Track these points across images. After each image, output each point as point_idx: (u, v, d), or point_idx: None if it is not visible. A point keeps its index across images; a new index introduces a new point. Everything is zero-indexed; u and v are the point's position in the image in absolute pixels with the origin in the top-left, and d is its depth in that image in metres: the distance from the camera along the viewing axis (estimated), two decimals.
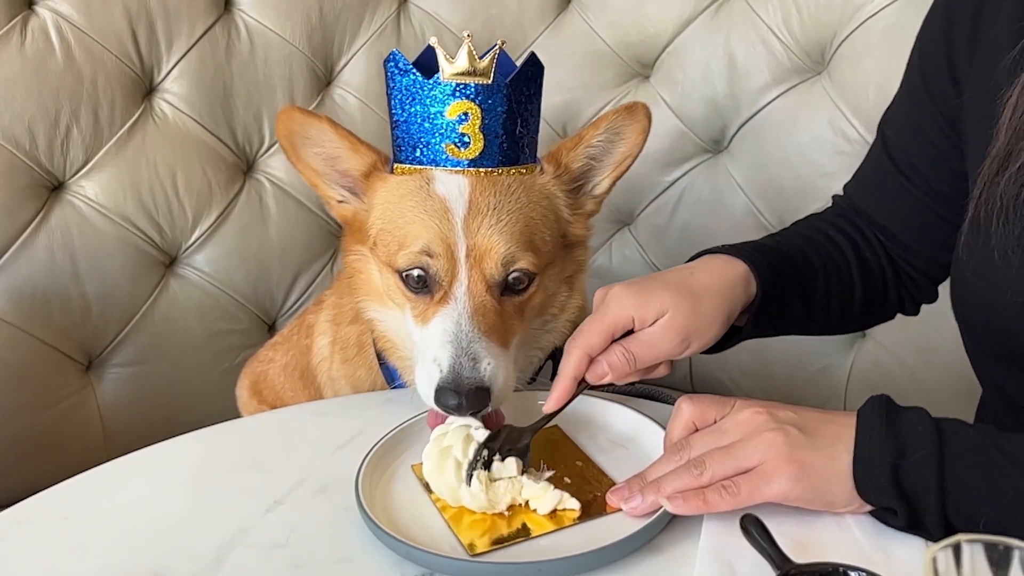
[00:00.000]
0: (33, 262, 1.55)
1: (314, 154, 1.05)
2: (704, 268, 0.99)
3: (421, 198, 0.98)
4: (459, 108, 0.95)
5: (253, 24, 1.72)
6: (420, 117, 0.96)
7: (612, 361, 0.92)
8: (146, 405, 1.65)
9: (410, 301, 1.00)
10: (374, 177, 1.04)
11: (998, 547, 0.55)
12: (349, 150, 1.04)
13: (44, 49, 1.55)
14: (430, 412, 0.96)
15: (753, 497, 0.81)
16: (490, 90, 0.96)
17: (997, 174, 0.88)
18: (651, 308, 0.92)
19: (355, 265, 1.09)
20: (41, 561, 0.83)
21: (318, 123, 1.03)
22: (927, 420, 0.81)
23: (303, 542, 0.84)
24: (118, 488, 0.94)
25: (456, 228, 0.96)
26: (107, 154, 1.61)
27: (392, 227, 1.00)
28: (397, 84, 0.97)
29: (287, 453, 1.00)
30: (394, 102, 0.97)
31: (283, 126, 1.03)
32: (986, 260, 0.92)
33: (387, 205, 1.01)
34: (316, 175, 1.07)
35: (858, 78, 1.61)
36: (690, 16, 1.73)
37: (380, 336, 1.10)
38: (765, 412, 0.85)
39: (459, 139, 0.96)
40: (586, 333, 0.93)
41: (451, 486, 0.85)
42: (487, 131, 0.96)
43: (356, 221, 1.07)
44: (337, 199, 1.08)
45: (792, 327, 1.11)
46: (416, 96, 0.96)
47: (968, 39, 0.98)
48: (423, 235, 0.96)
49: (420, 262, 0.97)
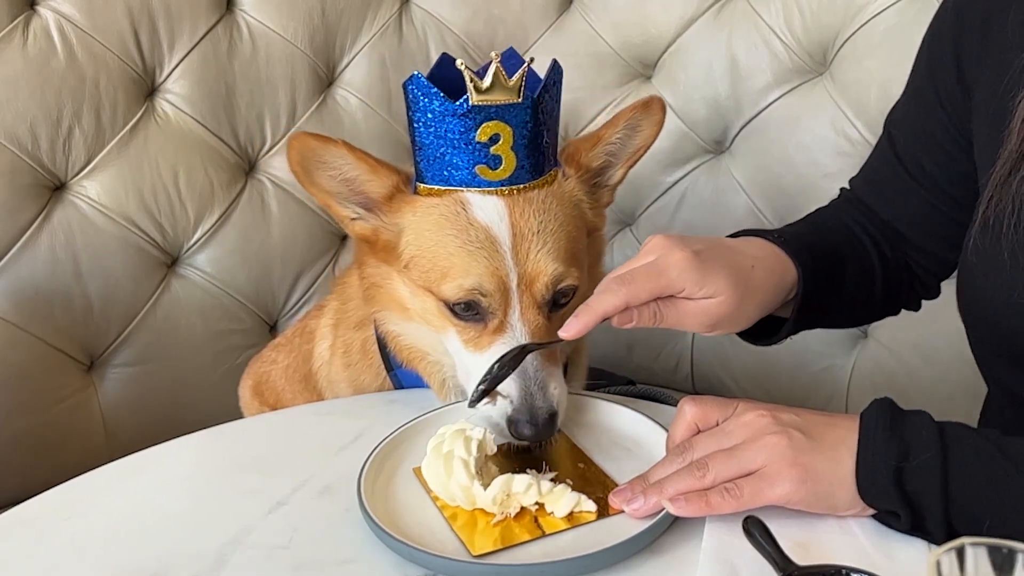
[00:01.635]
0: (35, 262, 1.55)
1: (328, 176, 1.01)
2: (764, 265, 0.96)
3: (461, 226, 0.95)
4: (490, 130, 0.93)
5: (255, 24, 1.72)
6: (449, 141, 0.94)
7: (643, 315, 0.89)
8: (148, 405, 1.65)
9: (456, 327, 0.98)
10: (399, 199, 1.01)
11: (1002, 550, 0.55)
12: (368, 172, 1.01)
13: (46, 49, 1.55)
14: None
15: (756, 500, 0.81)
16: (519, 108, 0.93)
17: (1009, 175, 0.88)
18: (705, 288, 0.89)
19: (374, 280, 1.06)
20: (43, 561, 0.83)
21: (335, 148, 0.99)
22: (930, 424, 0.81)
23: (305, 543, 0.84)
24: (120, 488, 0.94)
25: (506, 259, 0.95)
26: (109, 154, 1.61)
27: (432, 255, 0.97)
28: (421, 107, 0.93)
29: (289, 454, 1.00)
30: (418, 126, 0.94)
31: (296, 152, 0.99)
32: (995, 262, 0.91)
33: (422, 231, 0.98)
34: (329, 196, 1.03)
35: (860, 79, 1.61)
36: (692, 17, 1.73)
37: (403, 347, 1.08)
38: (768, 415, 0.85)
39: (491, 160, 0.94)
40: (638, 285, 0.88)
41: (464, 485, 0.85)
42: (518, 149, 0.95)
43: (379, 240, 1.03)
44: (351, 217, 1.04)
45: (821, 323, 1.11)
46: (443, 119, 0.93)
47: (979, 41, 0.98)
48: (473, 270, 0.94)
49: (472, 297, 0.95)
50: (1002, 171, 0.89)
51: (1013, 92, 0.90)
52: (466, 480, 0.84)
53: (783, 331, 1.03)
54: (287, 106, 1.74)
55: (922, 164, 1.09)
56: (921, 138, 1.08)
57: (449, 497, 0.86)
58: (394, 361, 1.12)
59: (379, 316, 1.09)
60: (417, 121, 0.94)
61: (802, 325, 1.04)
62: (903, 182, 1.11)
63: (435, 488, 0.87)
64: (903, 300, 1.18)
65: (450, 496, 0.86)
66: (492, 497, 0.84)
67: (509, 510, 0.85)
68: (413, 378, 1.12)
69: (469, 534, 0.83)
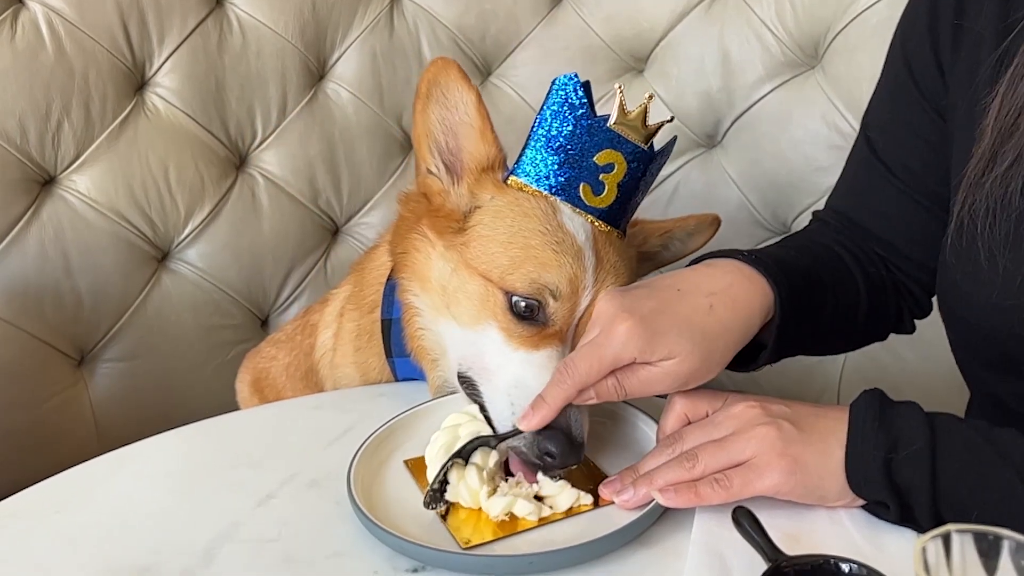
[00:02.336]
0: (24, 257, 1.54)
1: (439, 116, 0.99)
2: (724, 299, 0.89)
3: (552, 226, 0.93)
4: (610, 157, 0.93)
5: (245, 18, 1.71)
6: (571, 149, 0.93)
7: (601, 390, 0.86)
8: (139, 400, 1.64)
9: (505, 324, 0.94)
10: (488, 176, 0.98)
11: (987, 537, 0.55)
12: (478, 132, 0.98)
13: (35, 43, 1.54)
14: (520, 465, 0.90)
15: (745, 491, 0.81)
16: (641, 155, 0.95)
17: (983, 175, 0.87)
18: (658, 352, 0.84)
19: (415, 245, 1.03)
20: (32, 555, 0.83)
21: (467, 91, 0.97)
22: (920, 415, 0.81)
23: (294, 536, 0.84)
24: (109, 482, 0.94)
25: (587, 275, 0.93)
26: (99, 148, 1.60)
27: (507, 242, 0.94)
28: (561, 106, 0.93)
29: (278, 447, 1.00)
30: (546, 122, 0.93)
31: (432, 73, 0.97)
32: (972, 263, 0.90)
33: (504, 215, 0.95)
34: (426, 136, 1.00)
35: (852, 72, 1.61)
36: (684, 10, 1.73)
37: (413, 326, 1.06)
38: (758, 406, 0.85)
39: (597, 185, 0.94)
40: (583, 368, 0.85)
41: (473, 490, 0.84)
42: (621, 189, 0.95)
43: (443, 205, 1.00)
44: (430, 168, 1.01)
45: (802, 346, 1.03)
46: (576, 128, 0.93)
47: (952, 34, 0.96)
48: (554, 270, 0.92)
49: (542, 297, 0.92)
50: (975, 171, 0.87)
51: (986, 89, 0.88)
52: (476, 485, 0.84)
53: (761, 358, 0.96)
54: (278, 100, 1.74)
55: (905, 163, 1.05)
56: (902, 135, 1.04)
57: (452, 495, 0.86)
58: (394, 349, 1.11)
59: (405, 283, 1.05)
60: (550, 117, 0.93)
61: (783, 348, 0.96)
62: (886, 184, 1.06)
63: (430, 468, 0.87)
64: (891, 322, 1.12)
65: (453, 495, 0.86)
66: (494, 516, 0.84)
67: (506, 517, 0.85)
68: (407, 368, 1.11)
69: (459, 525, 0.83)
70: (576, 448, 0.87)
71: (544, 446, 0.86)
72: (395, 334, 1.10)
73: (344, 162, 1.79)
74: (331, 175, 1.78)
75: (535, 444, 0.87)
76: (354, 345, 1.20)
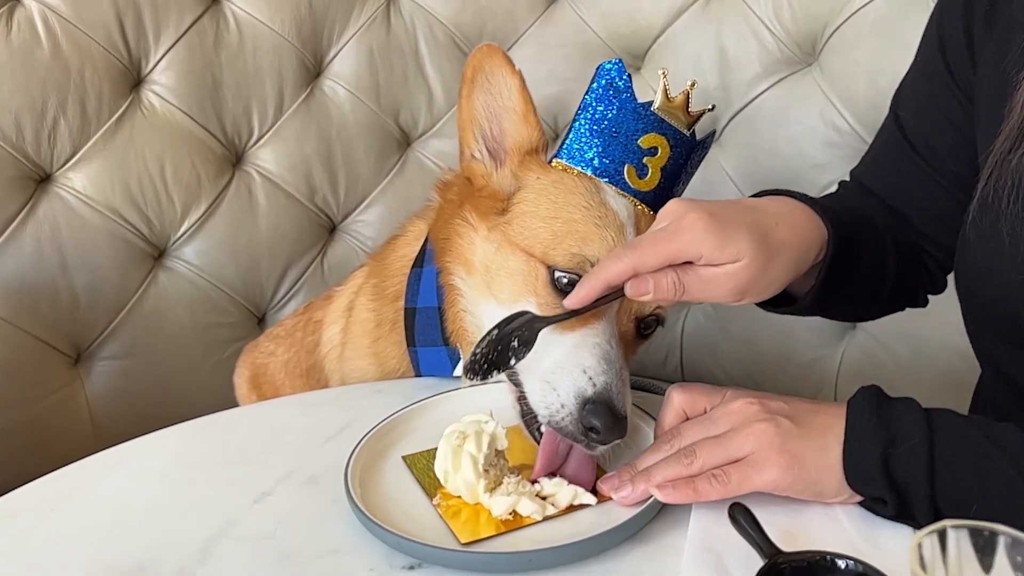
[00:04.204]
0: (20, 255, 1.54)
1: (484, 101, 1.01)
2: (788, 221, 0.90)
3: (595, 202, 0.94)
4: (654, 140, 0.95)
5: (242, 15, 1.70)
6: (615, 131, 0.95)
7: (660, 284, 0.83)
8: (135, 398, 1.64)
9: (541, 297, 0.93)
10: (531, 158, 1.00)
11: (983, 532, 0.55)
12: (520, 116, 1.00)
13: (30, 40, 1.53)
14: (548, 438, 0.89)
15: (743, 487, 0.81)
16: (684, 140, 0.97)
17: (1010, 152, 0.88)
18: (728, 252, 0.82)
19: (457, 230, 1.03)
20: (28, 553, 0.82)
21: (511, 76, 0.99)
22: (917, 410, 0.81)
23: (291, 534, 0.83)
24: (105, 480, 0.94)
25: None
26: (95, 146, 1.59)
27: (550, 217, 0.95)
28: (606, 91, 0.95)
29: (275, 445, 1.00)
30: (590, 106, 0.96)
31: (477, 59, 0.99)
32: (993, 239, 0.91)
33: (547, 193, 0.96)
34: (471, 120, 1.02)
35: (849, 69, 1.61)
36: (681, 8, 1.73)
37: (454, 309, 1.05)
38: (757, 402, 0.85)
39: (641, 168, 0.95)
40: (645, 250, 0.82)
41: (469, 482, 0.84)
42: (665, 172, 0.96)
43: (486, 187, 1.02)
44: (473, 153, 1.03)
45: (832, 300, 1.02)
46: (621, 110, 0.95)
47: (985, 12, 0.98)
48: (595, 243, 0.92)
49: (584, 269, 0.91)
50: (1003, 147, 0.88)
51: (1017, 68, 0.89)
52: (472, 477, 0.84)
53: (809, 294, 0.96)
54: (274, 98, 1.73)
55: (932, 144, 1.07)
56: (931, 116, 1.07)
57: (453, 488, 0.86)
58: (418, 338, 1.10)
59: (450, 267, 1.05)
60: (594, 101, 0.95)
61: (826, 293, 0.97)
62: (912, 164, 1.08)
63: (441, 474, 0.86)
64: (912, 292, 1.14)
65: (454, 488, 0.86)
66: (498, 515, 0.83)
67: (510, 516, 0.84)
68: (431, 359, 1.10)
69: (457, 523, 0.83)
70: (620, 422, 0.86)
71: (588, 420, 0.85)
72: (419, 323, 1.10)
73: (341, 160, 1.78)
74: (328, 173, 1.78)
75: (579, 419, 0.86)
76: (372, 336, 1.19)
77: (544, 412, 0.89)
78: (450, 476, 0.85)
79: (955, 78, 1.03)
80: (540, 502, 0.84)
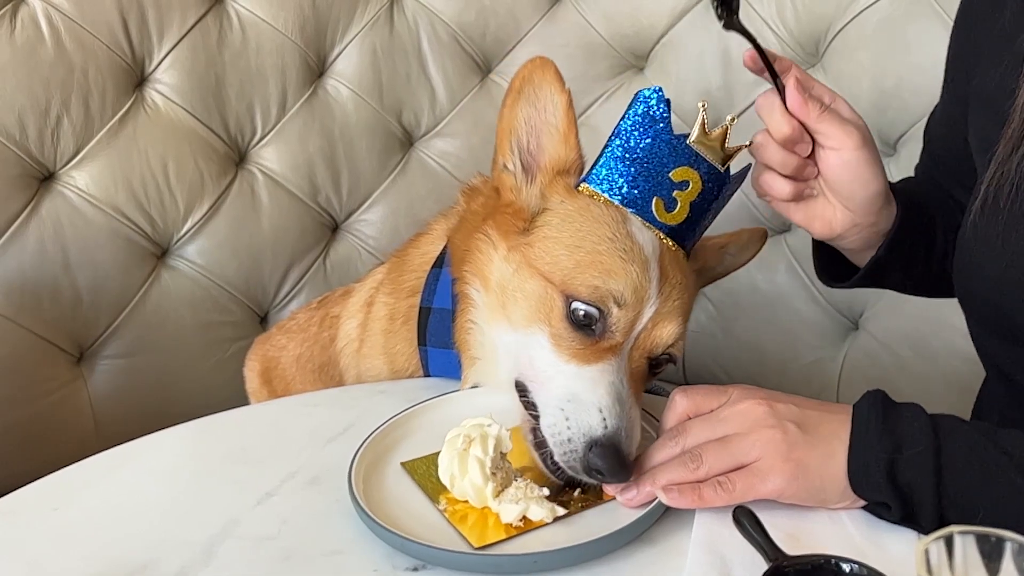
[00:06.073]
0: (23, 253, 1.54)
1: (526, 114, 0.99)
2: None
3: (621, 234, 0.92)
4: (685, 174, 0.93)
5: (245, 14, 1.70)
6: (648, 162, 0.93)
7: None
8: (138, 397, 1.64)
9: (558, 331, 0.92)
10: (562, 179, 0.98)
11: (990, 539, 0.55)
12: (561, 135, 0.98)
13: (34, 38, 1.53)
14: None
15: (748, 495, 0.81)
16: (717, 175, 0.95)
17: (1011, 153, 0.89)
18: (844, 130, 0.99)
19: (478, 243, 1.01)
20: (31, 551, 0.82)
21: (559, 92, 0.96)
22: (923, 416, 0.81)
23: (294, 534, 0.83)
24: (108, 479, 0.94)
25: (652, 286, 0.91)
26: (98, 144, 1.59)
27: (573, 244, 0.93)
28: (643, 119, 0.93)
29: (278, 445, 1.00)
30: (625, 132, 0.94)
31: (527, 71, 0.97)
32: (992, 238, 0.92)
33: (573, 219, 0.94)
34: (510, 132, 1.00)
35: (852, 70, 1.61)
36: (684, 8, 1.73)
37: (463, 318, 1.04)
38: (765, 403, 0.85)
39: (670, 201, 0.94)
40: None
41: (477, 486, 0.84)
42: (693, 207, 0.95)
43: (513, 202, 1.00)
44: (507, 164, 1.01)
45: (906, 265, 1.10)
46: (656, 140, 0.93)
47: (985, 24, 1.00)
48: (620, 278, 0.90)
49: (605, 305, 0.90)
50: (1005, 149, 0.89)
51: (1016, 71, 0.90)
52: (480, 481, 0.84)
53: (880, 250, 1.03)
54: (278, 97, 1.73)
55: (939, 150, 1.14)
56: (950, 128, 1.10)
57: (460, 492, 0.85)
58: (430, 338, 1.10)
59: (467, 277, 1.04)
60: (631, 128, 0.93)
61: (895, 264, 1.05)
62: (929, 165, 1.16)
63: (446, 479, 0.86)
64: None
65: (460, 492, 0.85)
66: (508, 522, 0.83)
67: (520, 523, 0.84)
68: (440, 361, 1.10)
69: (462, 525, 0.83)
70: (625, 466, 0.85)
71: (594, 462, 0.84)
72: (433, 323, 1.09)
73: (344, 159, 1.78)
74: (331, 172, 1.78)
75: (583, 457, 0.85)
76: (385, 330, 1.18)
77: (551, 441, 0.88)
78: (456, 480, 0.85)
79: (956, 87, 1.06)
80: (549, 505, 0.84)
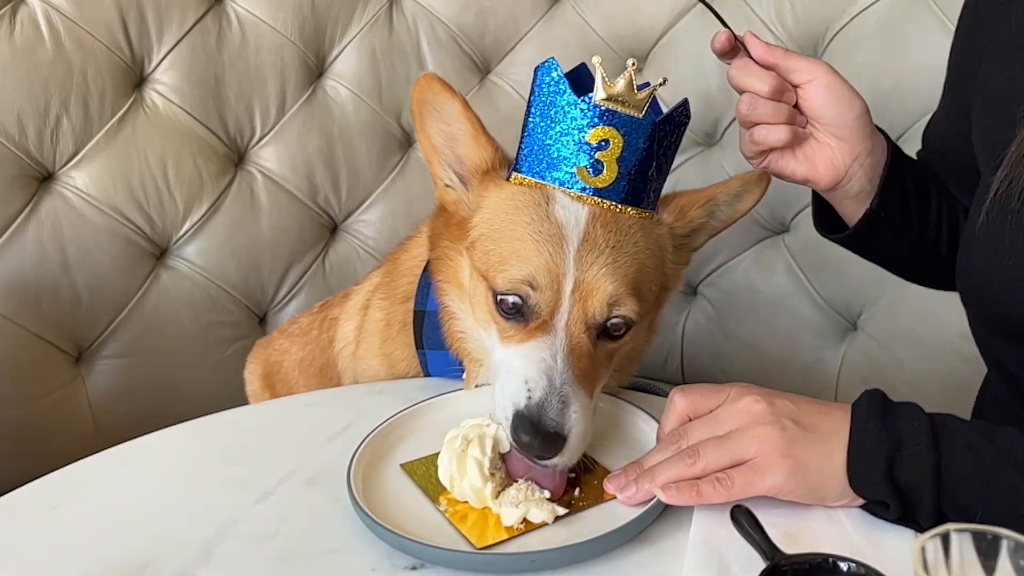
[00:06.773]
0: (22, 253, 1.54)
1: (438, 129, 1.00)
2: None
3: (537, 217, 0.91)
4: (602, 134, 0.90)
5: (244, 15, 1.71)
6: (559, 132, 0.91)
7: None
8: (136, 397, 1.64)
9: (497, 324, 0.93)
10: (489, 178, 0.98)
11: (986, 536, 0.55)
12: (471, 137, 0.99)
13: (33, 39, 1.53)
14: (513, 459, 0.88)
15: (746, 491, 0.81)
16: (637, 124, 0.91)
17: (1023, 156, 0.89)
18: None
19: (446, 253, 1.03)
20: (31, 551, 0.83)
21: (451, 100, 0.97)
22: (921, 415, 0.82)
23: (293, 533, 0.84)
24: (108, 478, 0.94)
25: (567, 259, 0.90)
26: (97, 145, 1.59)
27: (498, 238, 0.94)
28: (543, 93, 0.92)
29: (277, 444, 1.00)
30: (534, 110, 0.93)
31: (418, 92, 0.98)
32: (1000, 239, 0.91)
33: (498, 213, 0.95)
34: (433, 151, 1.01)
35: (851, 71, 1.58)
36: (683, 9, 1.73)
37: (452, 328, 1.05)
38: (763, 400, 0.85)
39: (593, 164, 0.91)
40: None
41: (476, 487, 0.84)
42: (622, 164, 0.92)
43: (456, 214, 1.01)
44: (445, 182, 1.02)
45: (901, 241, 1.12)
46: (562, 111, 0.91)
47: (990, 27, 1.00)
48: (531, 261, 0.90)
49: (521, 291, 0.90)
50: (1017, 151, 0.89)
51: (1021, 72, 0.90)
52: (479, 482, 0.84)
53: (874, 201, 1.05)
54: (277, 97, 1.73)
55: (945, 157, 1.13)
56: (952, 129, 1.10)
57: (459, 493, 0.86)
58: (426, 341, 1.10)
59: (442, 288, 1.05)
60: (535, 105, 0.93)
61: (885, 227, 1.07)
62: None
63: (446, 479, 0.86)
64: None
65: (460, 493, 0.85)
66: (508, 525, 0.83)
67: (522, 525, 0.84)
68: (440, 362, 1.10)
69: (462, 524, 0.83)
70: (550, 440, 0.84)
71: (519, 433, 0.85)
72: (428, 327, 1.09)
73: (343, 159, 1.78)
74: (330, 172, 1.78)
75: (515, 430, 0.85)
76: (382, 335, 1.18)
77: (497, 417, 0.89)
78: (456, 481, 0.85)
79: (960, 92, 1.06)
80: (549, 506, 0.84)
